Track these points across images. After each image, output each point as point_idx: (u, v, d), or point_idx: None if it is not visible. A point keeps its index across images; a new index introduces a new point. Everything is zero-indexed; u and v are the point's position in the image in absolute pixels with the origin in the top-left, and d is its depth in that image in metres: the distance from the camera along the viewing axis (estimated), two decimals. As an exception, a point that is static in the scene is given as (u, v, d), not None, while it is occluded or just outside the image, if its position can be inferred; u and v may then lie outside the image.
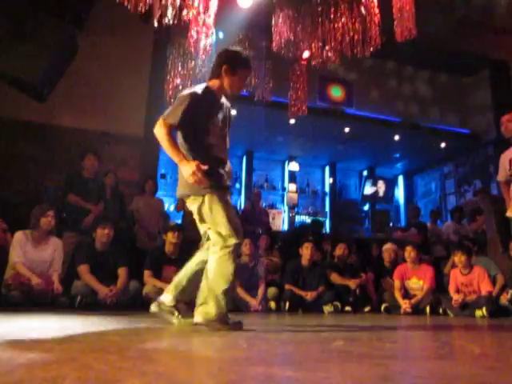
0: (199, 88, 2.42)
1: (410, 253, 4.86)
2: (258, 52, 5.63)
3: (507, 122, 3.69)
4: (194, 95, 2.35)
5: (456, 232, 6.42)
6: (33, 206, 4.14)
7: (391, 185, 10.23)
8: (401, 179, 10.64)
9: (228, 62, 2.47)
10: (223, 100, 2.57)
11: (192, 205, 2.40)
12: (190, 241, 4.37)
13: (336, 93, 7.75)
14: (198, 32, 4.13)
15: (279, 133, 8.18)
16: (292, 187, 9.46)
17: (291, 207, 9.30)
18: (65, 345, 1.56)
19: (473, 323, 3.60)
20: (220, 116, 2.49)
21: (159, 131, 2.32)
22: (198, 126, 2.40)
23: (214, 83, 2.50)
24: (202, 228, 2.47)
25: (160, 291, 4.00)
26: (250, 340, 1.87)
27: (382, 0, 4.42)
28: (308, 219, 9.21)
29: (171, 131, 2.33)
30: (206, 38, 4.24)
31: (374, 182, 9.95)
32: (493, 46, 7.42)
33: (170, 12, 3.87)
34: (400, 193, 10.56)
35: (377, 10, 4.39)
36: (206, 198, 2.32)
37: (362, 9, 4.39)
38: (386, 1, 4.37)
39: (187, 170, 2.23)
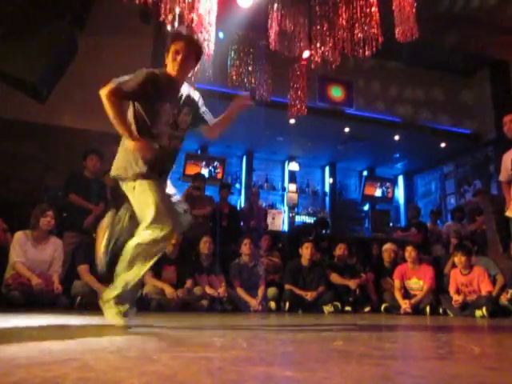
0: (157, 69, 2.31)
1: (410, 253, 4.87)
2: (258, 52, 5.63)
3: (510, 123, 3.67)
4: (151, 73, 2.23)
5: (456, 232, 6.42)
6: (33, 206, 4.14)
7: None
8: (401, 179, 10.63)
9: (165, 48, 2.36)
10: (184, 89, 2.41)
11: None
12: (190, 241, 4.38)
13: (336, 93, 7.74)
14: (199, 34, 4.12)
15: (279, 133, 8.17)
16: (292, 187, 9.45)
17: (291, 207, 9.29)
18: (65, 345, 1.56)
19: (473, 323, 3.60)
20: (173, 104, 2.33)
21: (109, 96, 2.10)
22: (148, 108, 2.25)
23: (169, 70, 2.35)
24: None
25: (160, 291, 4.04)
26: (250, 340, 1.87)
27: (382, 0, 4.43)
28: (308, 219, 9.19)
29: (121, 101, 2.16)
30: (207, 40, 4.23)
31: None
32: (493, 45, 7.41)
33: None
34: (400, 193, 10.56)
35: (376, 9, 4.39)
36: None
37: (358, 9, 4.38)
38: (386, 0, 4.37)
39: (140, 145, 2.14)
